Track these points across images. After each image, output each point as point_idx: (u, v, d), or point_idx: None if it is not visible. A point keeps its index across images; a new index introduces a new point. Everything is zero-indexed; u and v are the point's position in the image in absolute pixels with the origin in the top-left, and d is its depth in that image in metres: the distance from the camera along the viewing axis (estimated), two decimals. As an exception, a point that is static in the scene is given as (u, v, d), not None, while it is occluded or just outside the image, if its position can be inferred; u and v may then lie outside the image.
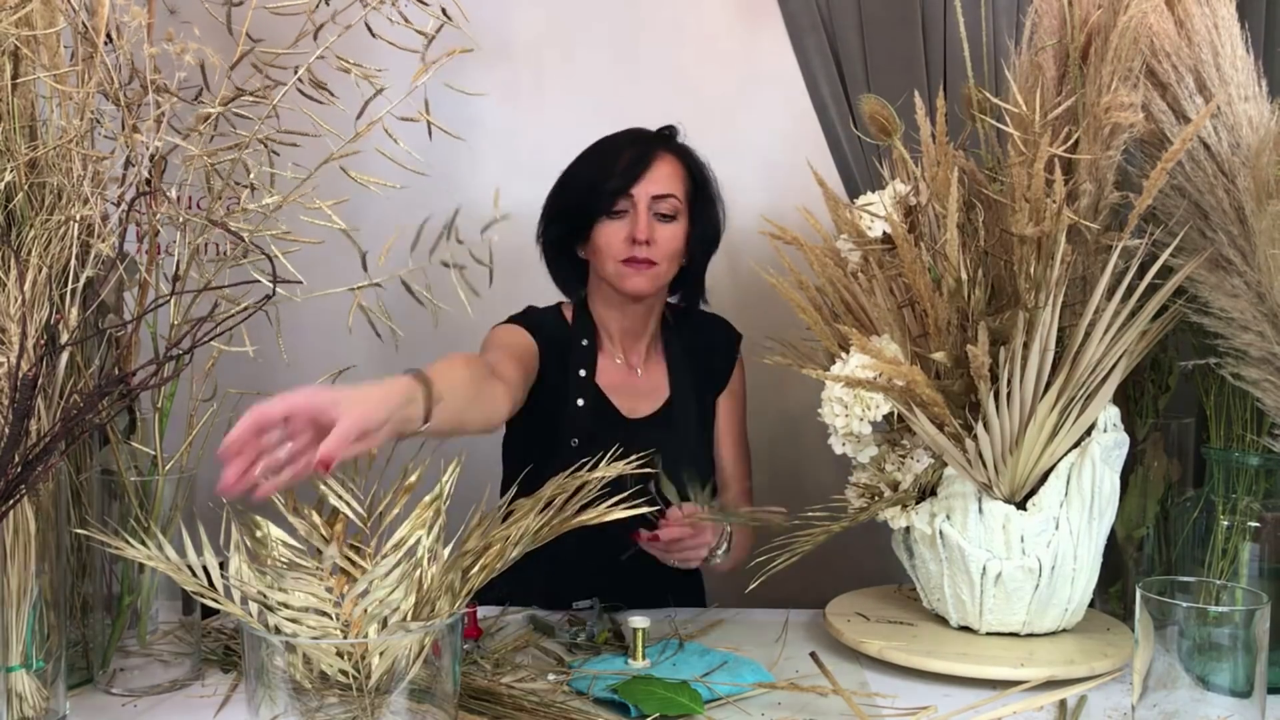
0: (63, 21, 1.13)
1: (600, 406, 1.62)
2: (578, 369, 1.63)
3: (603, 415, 1.62)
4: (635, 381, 1.67)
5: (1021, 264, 1.24)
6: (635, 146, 1.58)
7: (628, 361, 1.67)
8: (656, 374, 1.68)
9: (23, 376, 0.96)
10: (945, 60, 1.84)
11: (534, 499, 1.04)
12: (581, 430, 1.60)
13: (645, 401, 1.66)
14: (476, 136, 1.99)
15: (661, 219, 1.56)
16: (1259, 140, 1.18)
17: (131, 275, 1.21)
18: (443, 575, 0.96)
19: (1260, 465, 1.28)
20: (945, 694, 1.20)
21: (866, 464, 1.36)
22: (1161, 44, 1.26)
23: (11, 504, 0.99)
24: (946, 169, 1.25)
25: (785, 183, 1.98)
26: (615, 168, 1.55)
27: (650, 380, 1.68)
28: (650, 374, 1.68)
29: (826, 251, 1.42)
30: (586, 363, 1.63)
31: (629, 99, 2.02)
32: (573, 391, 1.61)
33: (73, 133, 1.11)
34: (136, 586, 1.21)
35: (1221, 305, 1.23)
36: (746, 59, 2.05)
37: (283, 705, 0.91)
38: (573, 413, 1.60)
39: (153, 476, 1.21)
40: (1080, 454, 1.27)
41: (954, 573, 1.30)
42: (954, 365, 1.27)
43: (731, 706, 1.16)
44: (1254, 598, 1.04)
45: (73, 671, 1.20)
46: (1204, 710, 1.00)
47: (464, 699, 1.13)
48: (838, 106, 1.91)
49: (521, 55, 2.07)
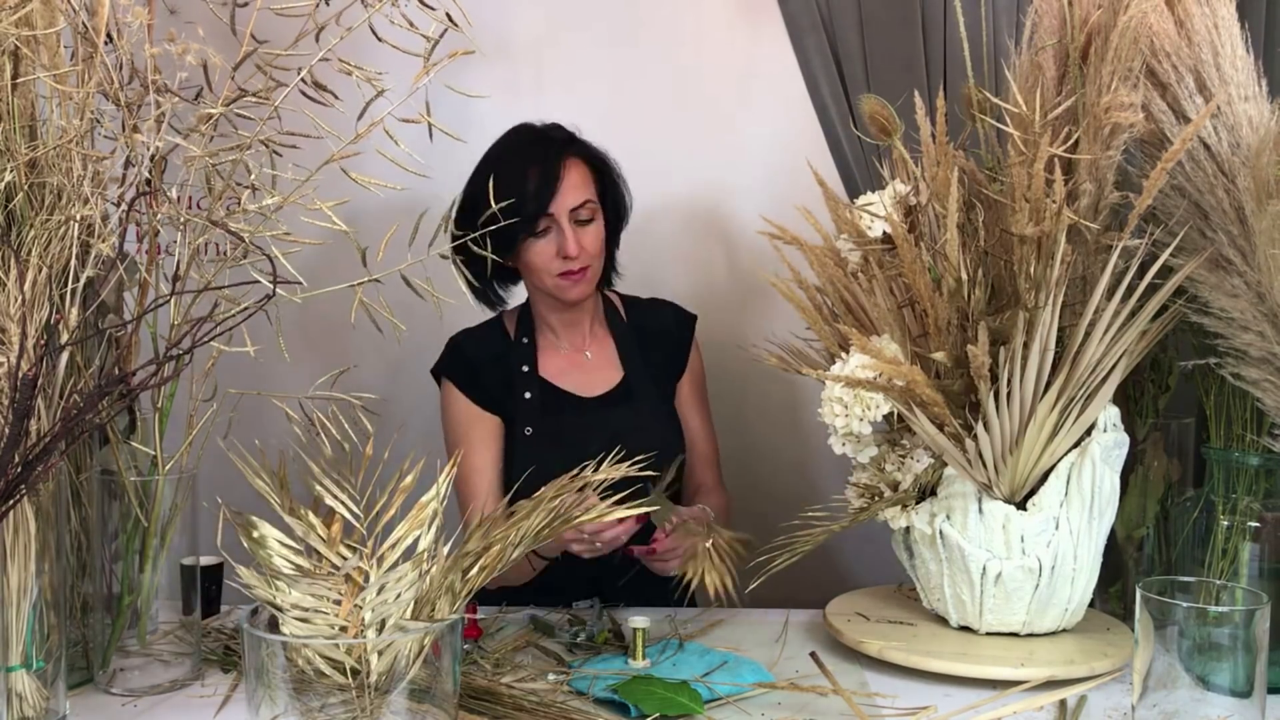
0: (63, 21, 1.13)
1: (549, 394, 1.67)
2: (520, 365, 1.67)
3: (554, 400, 1.66)
4: (583, 363, 1.70)
5: (1021, 264, 1.24)
6: (541, 162, 1.56)
7: (573, 346, 1.71)
8: (605, 353, 1.72)
9: (23, 376, 0.96)
10: (945, 60, 1.84)
11: (534, 499, 1.04)
12: (533, 419, 1.64)
13: (598, 380, 1.69)
14: (476, 137, 1.99)
15: (582, 224, 1.59)
16: (1259, 140, 1.18)
17: (131, 275, 1.21)
18: (443, 576, 0.96)
19: (1260, 465, 1.28)
20: (945, 694, 1.20)
21: (866, 464, 1.36)
22: (1161, 44, 1.26)
23: (11, 504, 0.99)
24: (946, 169, 1.25)
25: (785, 183, 1.98)
26: (527, 189, 1.54)
27: (599, 359, 1.71)
28: (599, 354, 1.72)
29: (826, 251, 1.42)
30: (528, 359, 1.68)
31: (629, 99, 2.02)
32: (519, 388, 1.66)
33: (73, 133, 1.11)
34: (136, 586, 1.21)
35: (1221, 305, 1.23)
36: (746, 59, 2.05)
37: (283, 705, 0.91)
38: (523, 406, 1.65)
39: (153, 476, 1.21)
40: (1080, 454, 1.27)
41: (954, 573, 1.30)
42: (954, 365, 1.27)
43: (731, 706, 1.16)
44: (1254, 598, 1.04)
45: (73, 671, 1.20)
46: (1204, 710, 1.00)
47: (464, 699, 1.13)
48: (838, 106, 1.91)
49: (521, 55, 2.07)
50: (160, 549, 1.22)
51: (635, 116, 1.75)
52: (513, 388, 1.67)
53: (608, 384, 1.69)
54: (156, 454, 1.22)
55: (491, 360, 1.68)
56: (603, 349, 1.72)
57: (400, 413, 2.00)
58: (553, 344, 1.71)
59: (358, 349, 1.96)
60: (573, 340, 1.71)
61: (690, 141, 2.02)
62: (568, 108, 1.80)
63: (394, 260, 1.22)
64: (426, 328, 1.50)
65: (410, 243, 1.21)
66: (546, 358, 1.69)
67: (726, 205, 2.10)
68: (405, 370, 2.08)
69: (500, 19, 2.04)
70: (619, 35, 2.06)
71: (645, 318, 1.76)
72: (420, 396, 2.06)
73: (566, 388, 1.67)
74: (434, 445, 1.81)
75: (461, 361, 1.68)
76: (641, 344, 1.73)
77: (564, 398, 1.67)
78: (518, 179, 1.54)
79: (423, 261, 1.21)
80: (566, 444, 1.59)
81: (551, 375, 1.68)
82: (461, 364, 1.68)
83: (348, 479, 0.97)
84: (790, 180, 1.94)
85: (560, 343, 1.70)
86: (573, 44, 2.07)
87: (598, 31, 2.06)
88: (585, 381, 1.69)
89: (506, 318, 1.74)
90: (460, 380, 1.67)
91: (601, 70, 2.06)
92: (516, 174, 1.55)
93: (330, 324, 1.91)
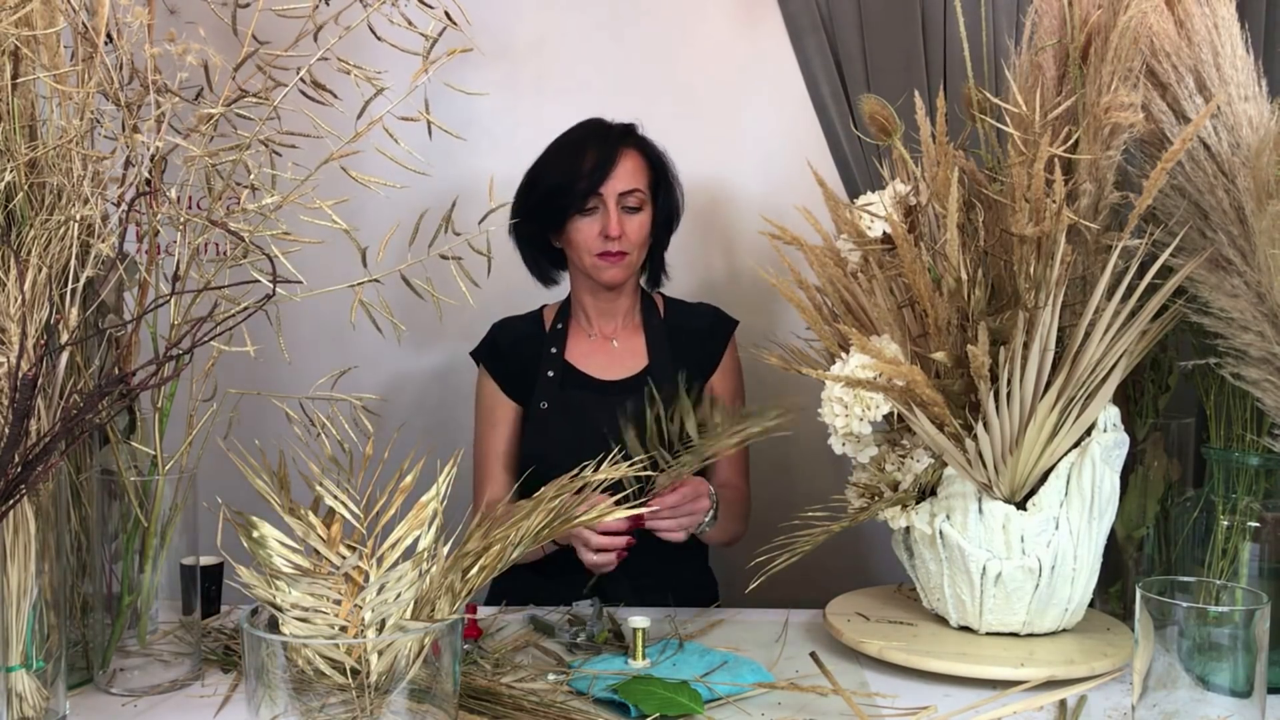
0: (63, 21, 1.13)
1: (569, 374, 1.73)
2: (550, 348, 1.74)
3: (573, 379, 1.73)
4: (609, 350, 1.76)
5: (1021, 264, 1.24)
6: (599, 146, 1.67)
7: (602, 333, 1.77)
8: (633, 344, 1.77)
9: (23, 376, 0.96)
10: (945, 60, 1.84)
11: (534, 499, 1.05)
12: (550, 395, 1.71)
13: (620, 366, 1.75)
14: (476, 136, 1.99)
15: (629, 211, 1.67)
16: (1259, 140, 1.18)
17: (131, 275, 1.21)
18: (443, 576, 0.96)
19: (1260, 465, 1.28)
20: (945, 694, 1.20)
21: (866, 464, 1.36)
22: (1161, 44, 1.26)
23: (11, 504, 0.99)
24: (946, 169, 1.25)
25: (785, 183, 1.99)
26: (583, 168, 1.65)
27: (625, 348, 1.76)
28: (626, 344, 1.77)
29: (826, 251, 1.42)
30: (558, 342, 1.76)
31: (629, 99, 2.02)
32: (544, 369, 1.73)
33: (73, 133, 1.11)
34: (136, 586, 1.21)
35: (1221, 305, 1.23)
36: (746, 59, 2.06)
37: (283, 705, 0.91)
38: (542, 383, 1.72)
39: (153, 476, 1.21)
40: (1080, 454, 1.27)
41: (954, 573, 1.30)
42: (954, 365, 1.27)
43: (731, 706, 1.16)
44: (1254, 598, 1.04)
45: (73, 671, 1.20)
46: (1204, 710, 1.00)
47: (464, 699, 1.13)
48: (838, 106, 1.91)
49: (521, 55, 2.07)
50: (160, 549, 1.22)
51: (635, 116, 1.75)
52: (537, 370, 1.73)
53: (628, 371, 1.74)
54: (156, 454, 1.22)
55: (522, 347, 1.75)
56: (631, 340, 1.78)
57: (400, 413, 2.00)
58: (583, 330, 1.78)
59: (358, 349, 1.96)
60: (603, 328, 1.77)
61: (690, 141, 2.02)
62: (568, 107, 1.80)
63: (394, 260, 1.22)
64: (426, 328, 1.50)
65: (410, 242, 1.21)
66: (575, 341, 1.77)
67: (726, 205, 2.10)
68: (405, 370, 2.09)
69: (500, 19, 2.04)
70: (619, 35, 2.06)
71: (684, 318, 1.81)
72: (420, 396, 2.06)
73: (586, 370, 1.74)
74: (434, 445, 1.81)
75: (494, 347, 1.77)
76: (673, 341, 1.77)
77: (583, 378, 1.73)
78: (575, 159, 1.66)
79: (423, 261, 1.21)
80: (576, 420, 1.67)
81: (574, 358, 1.75)
82: (494, 349, 1.77)
83: (348, 479, 0.97)
84: (790, 180, 1.94)
85: (591, 329, 1.77)
86: (573, 44, 2.07)
87: (598, 31, 2.06)
88: (606, 366, 1.75)
89: (547, 311, 1.81)
90: (490, 364, 1.76)
91: (601, 70, 2.06)
92: (575, 154, 1.67)
93: (330, 324, 1.91)
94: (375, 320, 1.24)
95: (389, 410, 1.28)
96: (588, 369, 1.74)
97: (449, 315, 1.34)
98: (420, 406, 2.02)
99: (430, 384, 2.04)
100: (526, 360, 1.75)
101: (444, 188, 1.50)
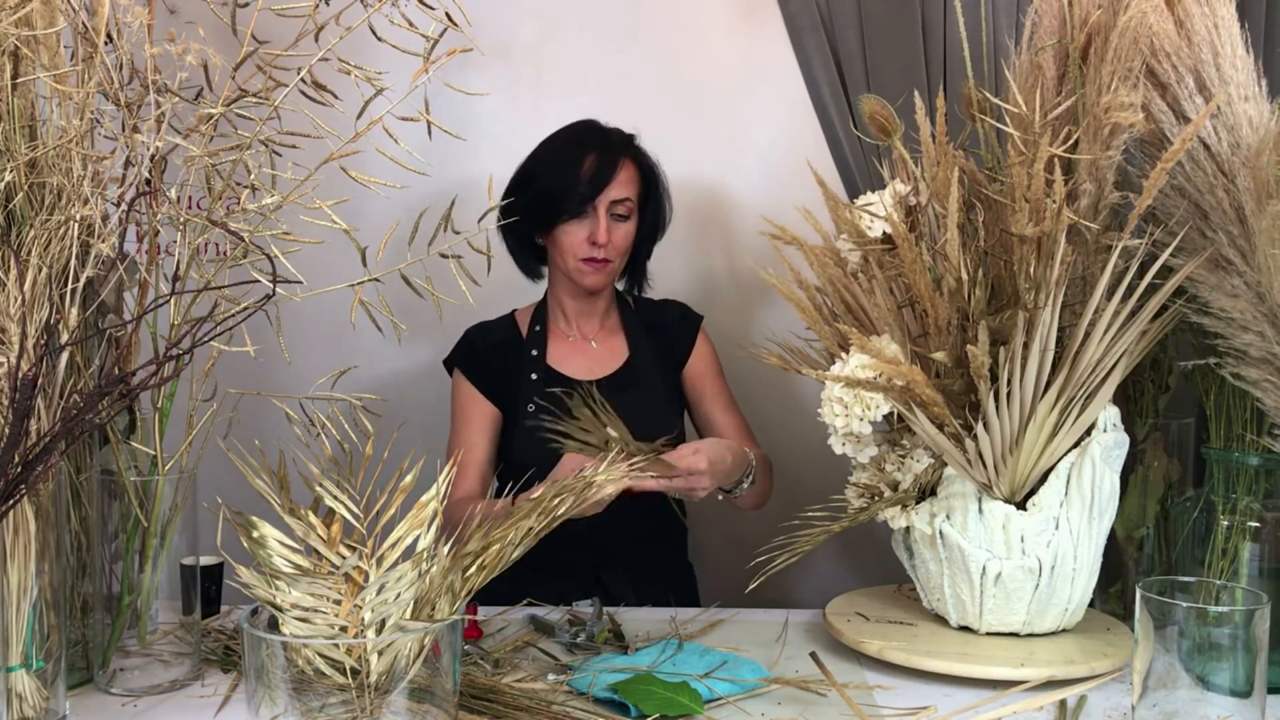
0: (63, 21, 1.13)
1: (553, 377, 1.73)
2: (530, 350, 1.75)
3: (557, 382, 1.72)
4: (588, 351, 1.77)
5: (1021, 264, 1.24)
6: (599, 154, 1.66)
7: (581, 334, 1.78)
8: (613, 343, 1.79)
9: (23, 376, 0.96)
10: (945, 60, 1.84)
11: (534, 500, 1.05)
12: (535, 397, 1.71)
13: (601, 366, 1.76)
14: (476, 136, 1.99)
15: (617, 219, 1.68)
16: (1259, 140, 1.18)
17: (131, 275, 1.21)
18: (443, 576, 0.96)
19: (1260, 465, 1.28)
20: (945, 694, 1.20)
21: (866, 464, 1.36)
22: (1161, 44, 1.26)
23: (11, 504, 0.99)
24: (946, 169, 1.25)
25: (785, 183, 1.99)
26: (581, 175, 1.64)
27: (605, 348, 1.78)
28: (605, 344, 1.78)
29: (826, 251, 1.42)
30: (538, 344, 1.76)
31: (628, 99, 2.02)
32: (525, 371, 1.73)
33: (73, 133, 1.11)
34: (136, 586, 1.21)
35: (1221, 305, 1.23)
36: (746, 59, 2.05)
37: (283, 705, 0.91)
38: (526, 385, 1.72)
39: (153, 476, 1.21)
40: (1080, 454, 1.27)
41: (954, 573, 1.30)
42: (954, 365, 1.27)
43: (731, 706, 1.16)
44: (1254, 598, 1.04)
45: (73, 671, 1.20)
46: (1204, 710, 1.00)
47: (464, 699, 1.13)
48: (838, 106, 1.91)
49: (521, 55, 2.07)
50: (160, 549, 1.22)
51: (635, 116, 1.76)
52: (519, 374, 1.73)
53: (610, 369, 1.75)
54: (156, 454, 1.22)
55: (497, 350, 1.75)
56: (610, 340, 1.79)
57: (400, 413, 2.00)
58: (562, 332, 1.78)
59: (358, 348, 1.96)
60: (583, 330, 1.78)
61: (690, 142, 2.02)
62: (567, 107, 1.80)
63: (394, 260, 1.22)
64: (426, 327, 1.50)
65: (410, 242, 1.21)
66: (554, 344, 1.77)
67: (726, 205, 2.10)
68: (405, 370, 2.08)
69: (500, 19, 2.04)
70: (619, 35, 2.06)
71: (654, 315, 1.82)
72: (420, 396, 2.06)
73: (568, 372, 1.74)
74: (434, 445, 1.81)
75: (470, 350, 1.77)
76: (648, 337, 1.79)
77: (566, 381, 1.72)
78: (574, 163, 1.65)
79: (423, 261, 1.21)
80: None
81: (555, 360, 1.75)
82: (469, 352, 1.77)
83: (348, 479, 0.97)
84: (790, 180, 1.94)
85: (570, 330, 1.78)
86: (573, 44, 2.07)
87: (598, 31, 2.06)
88: (588, 367, 1.75)
89: (520, 314, 1.81)
90: (465, 366, 1.75)
91: (601, 70, 2.06)
92: (575, 158, 1.66)
93: (330, 323, 1.91)
94: (375, 319, 1.24)
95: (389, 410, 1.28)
96: (568, 370, 1.74)
97: (449, 314, 1.34)
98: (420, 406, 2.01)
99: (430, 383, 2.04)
100: (505, 364, 1.74)
101: (444, 188, 1.50)
